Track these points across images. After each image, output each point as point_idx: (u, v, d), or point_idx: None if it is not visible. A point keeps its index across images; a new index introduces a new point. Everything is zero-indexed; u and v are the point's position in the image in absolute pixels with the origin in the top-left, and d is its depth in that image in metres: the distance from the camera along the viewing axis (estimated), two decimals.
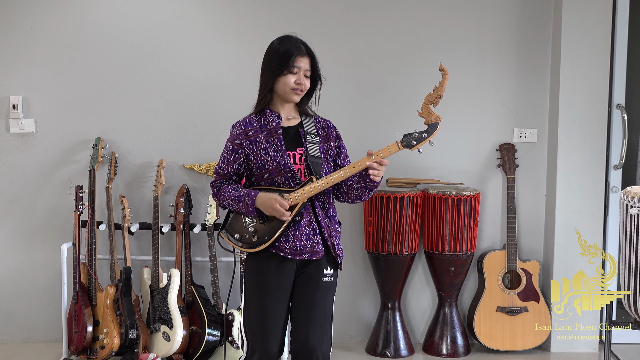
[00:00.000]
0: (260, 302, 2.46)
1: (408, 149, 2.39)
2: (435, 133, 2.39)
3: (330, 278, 2.49)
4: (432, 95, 2.41)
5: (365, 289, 3.89)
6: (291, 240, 2.42)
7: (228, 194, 2.47)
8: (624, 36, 3.72)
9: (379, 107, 3.80)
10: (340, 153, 2.59)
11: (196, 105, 3.77)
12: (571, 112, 3.67)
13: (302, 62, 2.47)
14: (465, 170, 3.83)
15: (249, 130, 2.48)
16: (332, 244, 2.49)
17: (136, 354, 3.46)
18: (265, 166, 2.44)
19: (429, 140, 2.39)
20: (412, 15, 3.78)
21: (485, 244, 3.85)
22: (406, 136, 2.40)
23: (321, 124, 2.57)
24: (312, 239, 2.43)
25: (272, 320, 2.45)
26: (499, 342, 3.68)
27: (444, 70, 2.41)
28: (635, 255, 2.55)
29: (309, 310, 2.45)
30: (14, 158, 3.81)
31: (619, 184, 3.77)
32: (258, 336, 2.45)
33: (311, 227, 2.44)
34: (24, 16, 3.74)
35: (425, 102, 2.41)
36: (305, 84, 2.48)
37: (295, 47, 2.46)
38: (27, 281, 3.86)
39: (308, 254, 2.43)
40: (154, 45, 3.76)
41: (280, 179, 2.44)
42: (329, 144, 2.55)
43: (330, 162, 2.54)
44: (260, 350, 2.45)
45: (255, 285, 2.48)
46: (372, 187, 2.47)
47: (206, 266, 3.69)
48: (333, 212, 2.54)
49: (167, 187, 3.76)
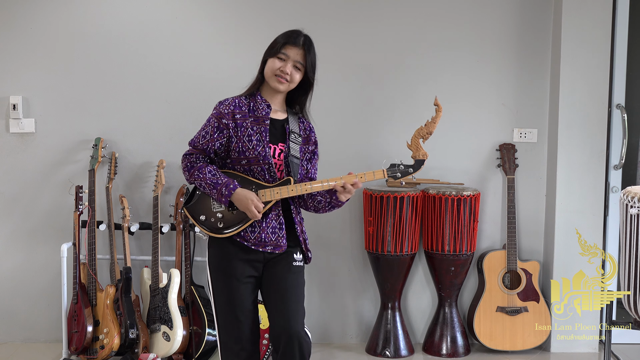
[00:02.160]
0: (226, 285, 2.46)
1: (392, 179, 2.48)
2: (420, 169, 2.47)
3: (300, 263, 2.52)
4: (423, 130, 2.45)
5: (365, 289, 3.89)
6: (257, 231, 2.43)
7: (204, 176, 2.44)
8: (624, 36, 3.72)
9: (378, 107, 3.80)
10: (312, 159, 2.59)
11: (196, 106, 3.77)
12: (571, 112, 3.67)
13: (293, 51, 2.44)
14: (465, 170, 3.83)
15: (237, 112, 2.46)
16: (304, 240, 2.54)
17: (136, 354, 3.46)
18: (245, 152, 2.43)
19: (412, 175, 2.47)
20: (412, 15, 3.78)
21: (485, 244, 3.85)
22: (392, 166, 2.47)
23: (304, 125, 2.57)
24: (277, 233, 2.45)
25: (242, 302, 2.45)
26: (499, 342, 3.68)
27: (438, 106, 2.43)
28: (635, 255, 2.55)
29: (285, 295, 2.45)
30: (14, 158, 3.81)
31: (619, 184, 3.77)
32: (230, 321, 2.46)
33: (278, 221, 2.45)
34: (24, 16, 3.74)
35: (415, 136, 2.45)
36: (292, 74, 2.45)
37: (292, 36, 2.46)
38: (27, 281, 3.86)
39: (271, 247, 2.44)
40: (154, 45, 3.76)
41: (256, 169, 2.44)
42: (307, 147, 2.56)
43: (305, 165, 2.55)
44: (234, 334, 2.45)
45: (221, 270, 2.48)
46: (335, 206, 2.51)
47: (206, 266, 3.68)
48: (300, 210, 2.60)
49: (167, 187, 3.76)
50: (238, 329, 2.46)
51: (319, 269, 3.82)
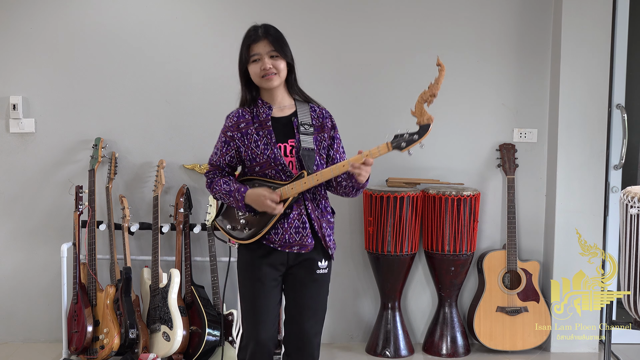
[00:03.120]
0: (251, 288, 2.47)
1: (398, 150, 2.32)
2: (426, 135, 2.30)
3: (325, 270, 2.50)
4: (427, 94, 2.30)
5: (365, 289, 3.89)
6: (280, 233, 2.43)
7: (220, 187, 2.48)
8: (624, 36, 3.72)
9: (378, 106, 3.79)
10: (333, 144, 2.54)
11: (196, 105, 3.77)
12: (571, 112, 3.67)
13: (260, 46, 2.42)
14: (465, 170, 3.83)
15: (241, 122, 2.47)
16: (323, 235, 2.47)
17: (136, 354, 3.46)
18: (255, 159, 2.44)
19: (419, 142, 2.30)
20: (412, 15, 3.78)
21: (485, 244, 3.85)
22: (397, 137, 2.34)
23: (317, 113, 2.52)
24: (301, 232, 2.43)
25: (263, 308, 2.46)
26: (499, 342, 3.68)
27: (440, 65, 2.30)
28: (635, 255, 2.55)
29: (303, 302, 2.48)
30: (14, 158, 3.81)
31: (619, 184, 3.77)
32: (250, 325, 2.48)
33: (301, 221, 2.43)
34: (24, 16, 3.74)
35: (419, 101, 2.31)
36: (274, 66, 2.42)
37: (250, 36, 2.45)
38: (27, 281, 3.86)
39: (297, 247, 2.44)
40: (154, 45, 3.76)
41: (271, 172, 2.43)
42: (323, 134, 2.50)
43: (323, 154, 2.50)
44: (253, 338, 2.47)
45: (248, 276, 2.49)
46: (359, 187, 2.46)
47: (206, 266, 3.69)
48: (325, 203, 2.52)
49: (167, 187, 3.76)
50: (258, 332, 2.47)
51: None
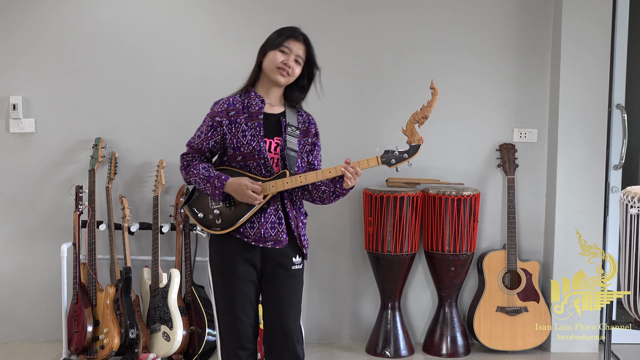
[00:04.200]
0: (228, 287, 2.48)
1: (387, 166, 2.42)
2: (415, 155, 2.40)
3: (300, 266, 2.53)
4: (419, 115, 2.39)
5: (365, 289, 3.89)
6: (256, 227, 2.44)
7: (198, 171, 2.47)
8: (624, 36, 3.72)
9: (378, 106, 3.80)
10: (313, 151, 2.58)
11: (196, 105, 3.75)
12: (571, 112, 3.67)
13: (295, 46, 2.46)
14: (465, 170, 3.83)
15: (230, 109, 2.48)
16: (299, 234, 2.51)
17: (136, 354, 3.46)
18: (240, 148, 2.44)
19: (408, 161, 2.41)
20: (412, 15, 3.78)
21: (485, 244, 3.85)
22: (387, 152, 2.43)
23: (303, 118, 2.56)
24: (277, 228, 2.44)
25: (242, 300, 2.47)
26: (499, 342, 3.68)
27: (434, 89, 2.38)
28: (635, 255, 2.55)
29: (282, 297, 2.49)
30: (14, 158, 3.81)
31: (619, 184, 3.77)
32: (228, 318, 2.48)
33: (277, 216, 2.45)
34: (24, 16, 3.74)
35: (410, 120, 2.40)
36: (293, 68, 2.46)
37: (291, 31, 2.48)
38: (27, 281, 3.86)
39: (272, 242, 2.45)
40: (154, 45, 3.76)
41: (252, 164, 2.44)
42: (306, 139, 2.55)
43: (305, 158, 2.54)
44: (234, 331, 2.47)
45: (222, 269, 2.50)
46: (340, 195, 2.49)
47: (206, 266, 3.67)
48: (300, 205, 2.57)
49: (167, 187, 3.76)
50: (238, 328, 2.48)
51: (319, 269, 3.82)
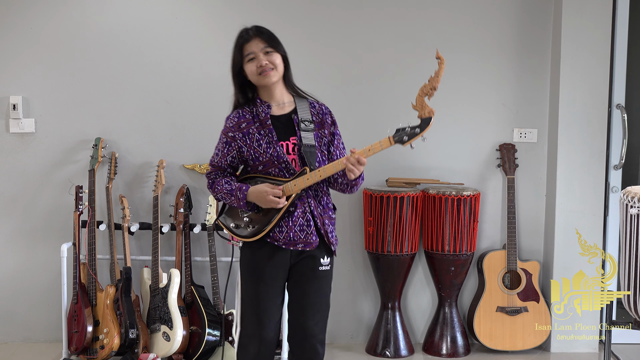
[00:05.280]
0: (254, 289, 2.48)
1: (400, 144, 2.32)
2: (428, 128, 2.29)
3: (327, 267, 2.51)
4: (427, 87, 2.30)
5: (365, 289, 3.89)
6: (285, 231, 2.43)
7: (221, 187, 2.49)
8: (624, 36, 3.72)
9: (378, 106, 3.79)
10: (334, 140, 2.55)
11: (196, 105, 3.77)
12: (571, 112, 3.67)
13: (252, 45, 2.45)
14: (465, 170, 3.83)
15: (241, 122, 2.48)
16: (325, 232, 2.49)
17: (136, 354, 3.46)
18: (258, 158, 2.45)
19: (421, 135, 2.29)
20: (412, 15, 3.78)
21: (485, 244, 3.85)
22: (398, 131, 2.33)
23: (316, 110, 2.53)
24: (305, 230, 2.44)
25: (267, 306, 2.47)
26: (499, 342, 3.68)
27: (440, 58, 2.30)
28: (635, 255, 2.55)
29: (305, 299, 2.48)
30: (14, 158, 3.81)
31: (619, 184, 3.77)
32: (253, 323, 2.48)
33: (305, 218, 2.44)
34: (24, 16, 3.74)
35: (419, 94, 2.30)
36: (270, 61, 2.44)
37: (240, 37, 2.49)
38: (27, 281, 3.86)
39: (302, 245, 2.44)
40: (154, 45, 3.76)
41: (274, 170, 2.44)
42: (323, 130, 2.52)
43: (324, 150, 2.52)
44: (257, 336, 2.48)
45: (250, 273, 2.50)
46: (353, 185, 2.48)
47: (206, 266, 3.69)
48: (327, 200, 2.53)
49: (167, 187, 3.76)
50: (261, 331, 2.48)
51: None
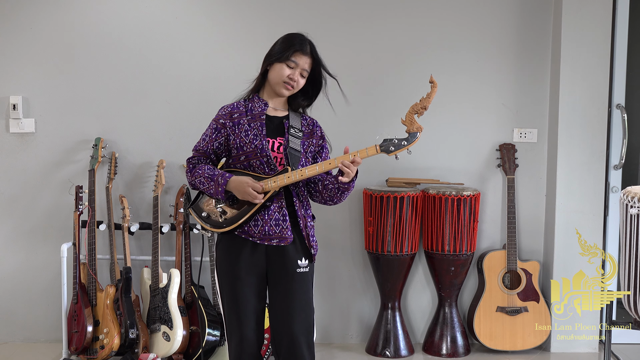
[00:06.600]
0: (231, 287, 2.48)
1: (385, 153, 2.42)
2: (414, 142, 2.42)
3: (306, 269, 2.50)
4: (418, 106, 2.43)
5: (365, 289, 3.89)
6: (260, 224, 2.44)
7: (202, 171, 2.48)
8: (624, 36, 3.72)
9: (378, 106, 3.79)
10: (322, 153, 2.60)
11: (196, 106, 3.77)
12: (571, 112, 3.67)
13: (302, 60, 2.48)
14: (465, 170, 3.83)
15: (234, 112, 2.52)
16: (307, 234, 2.50)
17: (136, 354, 3.46)
18: (243, 147, 2.46)
19: (407, 148, 2.41)
20: (412, 15, 3.78)
21: (485, 244, 3.85)
22: (385, 141, 2.43)
23: (307, 122, 2.59)
24: (281, 225, 2.44)
25: (245, 304, 2.47)
26: (499, 342, 3.68)
27: (433, 82, 2.43)
28: (635, 255, 2.55)
29: (287, 301, 2.46)
30: (14, 158, 3.81)
31: (619, 184, 3.77)
32: (233, 321, 2.49)
33: (281, 213, 2.45)
34: (24, 16, 3.74)
35: (410, 111, 2.44)
36: (298, 82, 2.50)
37: (299, 43, 2.48)
38: (27, 281, 3.86)
39: (277, 240, 2.44)
40: (154, 45, 3.76)
41: (255, 163, 2.45)
42: (311, 140, 2.56)
43: (309, 159, 2.55)
44: (236, 335, 2.48)
45: (226, 271, 2.50)
46: (344, 190, 2.48)
47: (206, 266, 3.69)
48: (307, 206, 2.56)
49: (167, 187, 3.76)
50: (240, 329, 2.48)
51: (319, 269, 3.81)
